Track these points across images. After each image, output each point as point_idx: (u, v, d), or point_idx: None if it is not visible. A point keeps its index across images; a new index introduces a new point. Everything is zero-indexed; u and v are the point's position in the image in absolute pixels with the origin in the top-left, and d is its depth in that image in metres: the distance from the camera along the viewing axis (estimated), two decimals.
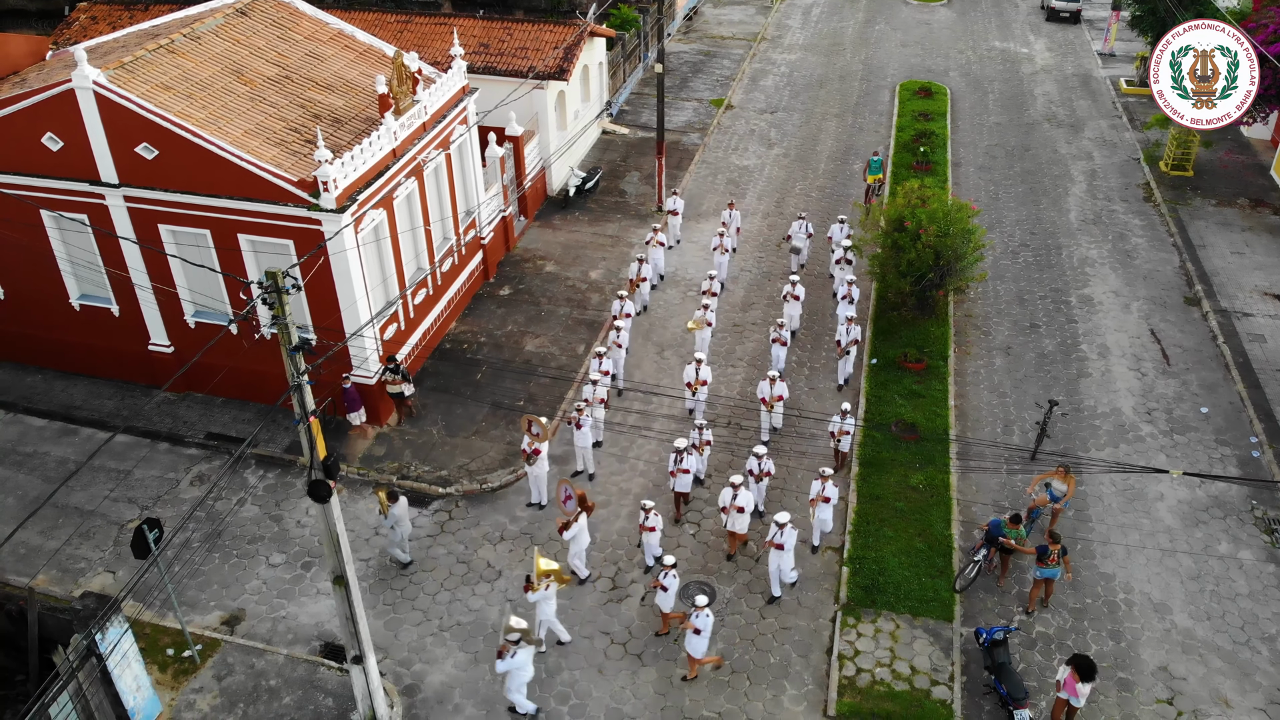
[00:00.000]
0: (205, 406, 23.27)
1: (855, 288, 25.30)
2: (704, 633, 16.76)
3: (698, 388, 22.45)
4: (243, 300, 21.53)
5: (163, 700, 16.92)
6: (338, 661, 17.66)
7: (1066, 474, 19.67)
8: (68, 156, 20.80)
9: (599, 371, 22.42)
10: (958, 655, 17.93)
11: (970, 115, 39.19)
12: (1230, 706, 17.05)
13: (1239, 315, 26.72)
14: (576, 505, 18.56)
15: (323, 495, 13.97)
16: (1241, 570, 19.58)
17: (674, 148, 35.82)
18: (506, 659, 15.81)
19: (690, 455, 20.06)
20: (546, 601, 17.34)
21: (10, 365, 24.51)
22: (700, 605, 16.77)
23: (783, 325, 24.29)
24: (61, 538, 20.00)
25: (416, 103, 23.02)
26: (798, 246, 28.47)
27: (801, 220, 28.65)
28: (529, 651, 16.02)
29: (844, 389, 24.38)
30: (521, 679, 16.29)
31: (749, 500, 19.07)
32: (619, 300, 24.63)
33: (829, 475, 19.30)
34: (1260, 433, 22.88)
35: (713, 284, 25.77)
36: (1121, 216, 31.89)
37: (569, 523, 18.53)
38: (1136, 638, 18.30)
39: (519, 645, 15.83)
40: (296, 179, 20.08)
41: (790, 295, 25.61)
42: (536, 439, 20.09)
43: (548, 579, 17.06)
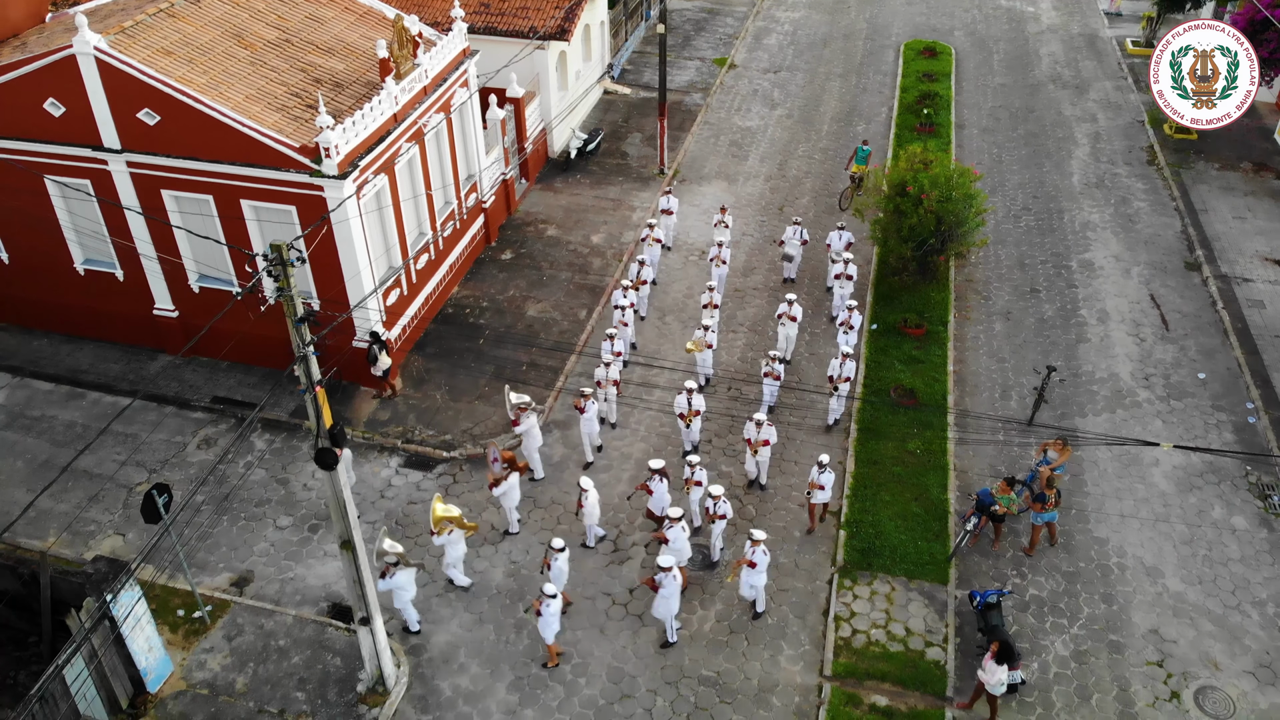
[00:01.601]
0: (210, 370, 23.47)
1: (856, 313, 22.92)
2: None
3: (691, 419, 20.74)
4: (245, 261, 21.65)
5: (174, 660, 17.31)
6: (345, 622, 18.04)
7: (1064, 446, 19.93)
8: (70, 122, 20.79)
9: (611, 354, 21.92)
10: (952, 618, 18.29)
11: (975, 76, 38.92)
12: (1219, 669, 17.42)
13: (1239, 281, 26.78)
14: (504, 466, 19.09)
15: (329, 463, 14.20)
16: (1234, 535, 19.87)
17: (676, 108, 35.64)
18: (387, 580, 16.92)
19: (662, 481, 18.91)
20: (453, 546, 18.10)
21: (16, 329, 24.69)
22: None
23: (776, 357, 21.77)
24: (71, 501, 20.30)
25: (417, 66, 22.93)
26: (790, 254, 26.44)
27: (796, 225, 26.44)
28: (409, 572, 17.11)
29: (832, 430, 22.19)
30: (405, 598, 17.38)
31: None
32: (622, 292, 23.64)
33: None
34: (1257, 398, 23.07)
35: (713, 295, 23.86)
36: (1124, 180, 31.81)
37: (499, 480, 19.01)
38: (1128, 601, 18.64)
39: (397, 567, 16.89)
40: (298, 145, 20.09)
41: (786, 316, 23.35)
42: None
43: (448, 525, 17.70)
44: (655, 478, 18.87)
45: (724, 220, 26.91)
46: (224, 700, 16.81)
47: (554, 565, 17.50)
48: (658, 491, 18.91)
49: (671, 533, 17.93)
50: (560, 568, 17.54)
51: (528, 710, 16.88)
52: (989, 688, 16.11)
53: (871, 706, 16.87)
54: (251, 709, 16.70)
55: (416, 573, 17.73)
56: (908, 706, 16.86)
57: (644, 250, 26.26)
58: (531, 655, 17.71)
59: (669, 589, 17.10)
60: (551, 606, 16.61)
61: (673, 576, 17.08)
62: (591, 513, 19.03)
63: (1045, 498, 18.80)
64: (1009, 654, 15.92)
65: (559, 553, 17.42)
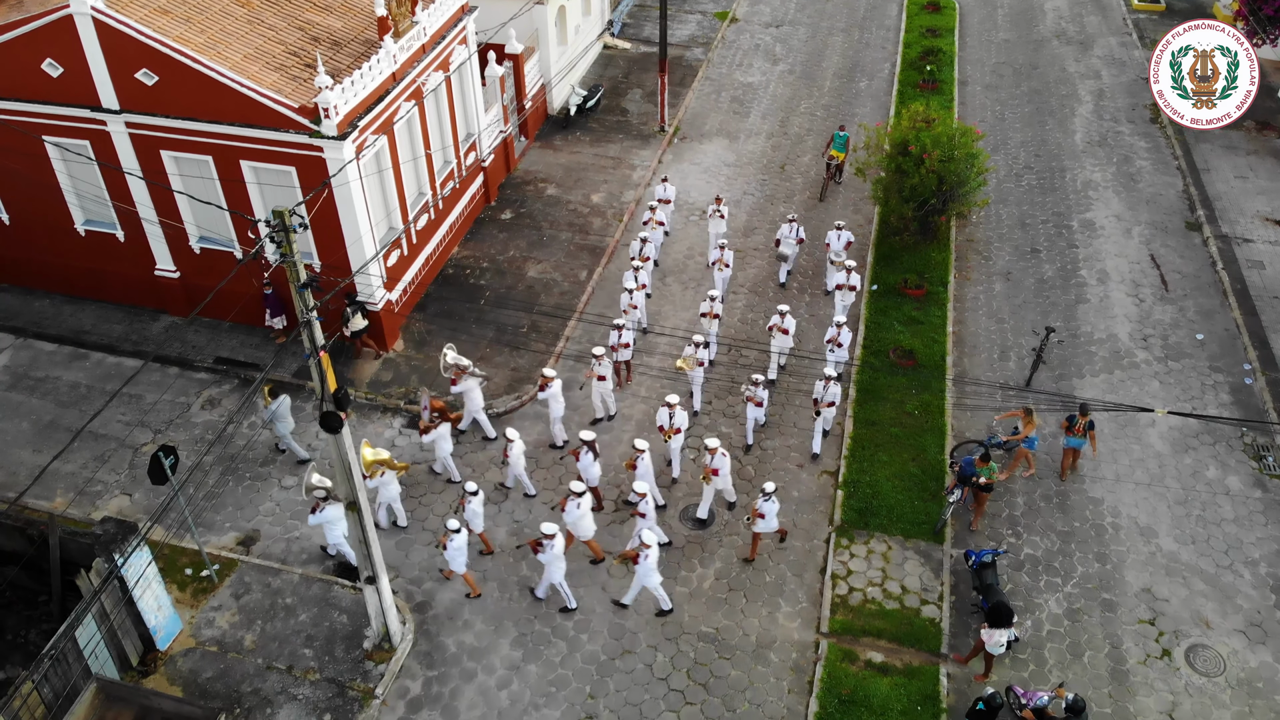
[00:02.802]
0: (213, 331, 23.57)
1: (846, 330, 21.17)
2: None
3: (671, 435, 19.53)
4: (246, 223, 21.65)
5: (183, 618, 17.63)
6: (351, 580, 18.33)
7: (1028, 416, 19.86)
8: (68, 82, 20.66)
9: (619, 344, 21.47)
10: (947, 576, 18.59)
11: (979, 31, 38.52)
12: (1210, 628, 17.74)
13: (1239, 241, 26.78)
14: (435, 415, 19.48)
15: (334, 426, 14.35)
16: (1228, 496, 20.12)
17: (677, 63, 35.33)
18: (317, 514, 17.60)
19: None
20: (386, 486, 18.54)
21: (17, 290, 24.73)
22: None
23: (758, 381, 20.08)
24: (78, 462, 20.50)
25: (415, 24, 22.73)
26: (785, 253, 24.89)
27: (791, 223, 24.76)
28: (338, 506, 17.39)
29: (817, 461, 20.75)
30: (337, 532, 17.94)
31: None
32: (632, 273, 23.09)
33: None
34: (1254, 359, 23.19)
35: (714, 305, 22.20)
36: (1127, 138, 31.65)
37: (429, 428, 19.37)
38: (1122, 560, 18.93)
39: (326, 501, 17.49)
40: (297, 105, 19.99)
41: (778, 329, 21.67)
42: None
43: (379, 468, 18.15)
44: (585, 449, 18.75)
45: (720, 210, 25.27)
46: (233, 657, 17.16)
47: (468, 506, 17.95)
48: (584, 463, 18.79)
49: (571, 505, 17.74)
50: (474, 509, 17.99)
51: (531, 665, 17.23)
52: (988, 647, 16.46)
53: (868, 662, 17.22)
54: (260, 665, 17.05)
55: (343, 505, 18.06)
56: (903, 662, 17.21)
57: (646, 230, 24.90)
58: (535, 612, 18.04)
59: (649, 561, 17.11)
60: (456, 541, 17.23)
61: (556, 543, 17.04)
62: (516, 463, 19.34)
63: (1074, 420, 19.56)
64: (1002, 617, 16.23)
65: (473, 495, 17.91)
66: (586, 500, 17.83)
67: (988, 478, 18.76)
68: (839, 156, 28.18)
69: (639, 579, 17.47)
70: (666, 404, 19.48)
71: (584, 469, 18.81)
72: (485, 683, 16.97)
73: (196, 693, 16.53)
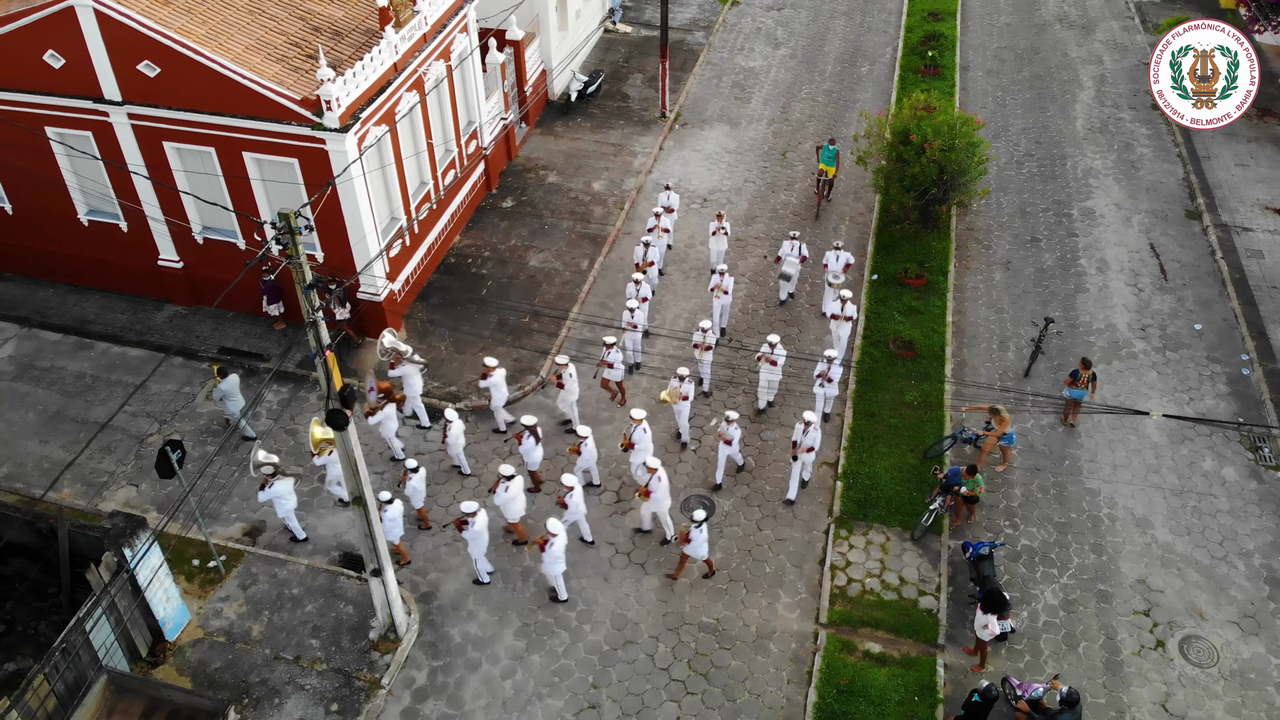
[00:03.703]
0: (216, 320, 23.69)
1: (838, 365, 20.53)
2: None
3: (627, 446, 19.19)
4: (249, 212, 21.72)
5: (191, 609, 17.86)
6: (356, 571, 18.55)
7: (997, 414, 19.83)
8: (70, 74, 20.67)
9: (620, 362, 21.06)
10: (945, 567, 18.82)
11: (980, 15, 38.38)
12: (1204, 619, 17.99)
13: (1239, 230, 26.85)
14: (380, 396, 19.96)
15: (340, 424, 14.52)
16: (1224, 487, 20.32)
17: (678, 47, 35.24)
18: (267, 491, 18.09)
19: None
20: (333, 465, 18.98)
21: (21, 279, 24.82)
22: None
23: (731, 420, 19.18)
24: (84, 452, 20.66)
25: (417, 14, 22.70)
26: (788, 273, 23.75)
27: (793, 240, 23.80)
28: (287, 482, 18.19)
29: (791, 507, 19.93)
30: (286, 507, 18.45)
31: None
32: (633, 284, 22.58)
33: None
34: (1251, 350, 23.33)
35: (706, 337, 21.31)
36: (1128, 125, 31.64)
37: (374, 409, 19.88)
38: (1118, 551, 19.15)
39: (275, 477, 18.06)
40: (299, 97, 20.01)
41: (766, 360, 20.77)
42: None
43: (327, 447, 18.27)
44: (526, 433, 19.22)
45: (723, 227, 24.32)
46: (241, 647, 17.41)
47: (409, 483, 18.69)
48: (526, 447, 19.31)
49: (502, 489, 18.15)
50: (415, 486, 18.78)
51: (534, 655, 17.49)
52: (978, 632, 16.73)
53: (866, 653, 17.48)
54: (268, 655, 17.30)
55: (295, 483, 18.85)
56: (900, 653, 17.47)
57: (650, 236, 24.27)
58: (538, 602, 18.28)
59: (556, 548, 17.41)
60: (390, 511, 17.78)
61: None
62: (455, 443, 19.91)
63: (1078, 374, 20.52)
64: (996, 603, 16.48)
65: (414, 473, 18.64)
66: (517, 483, 18.30)
67: (970, 489, 18.81)
68: (829, 171, 27.00)
69: (544, 567, 17.70)
70: (634, 419, 19.08)
71: (526, 453, 19.36)
72: (490, 672, 17.23)
73: (205, 683, 16.79)
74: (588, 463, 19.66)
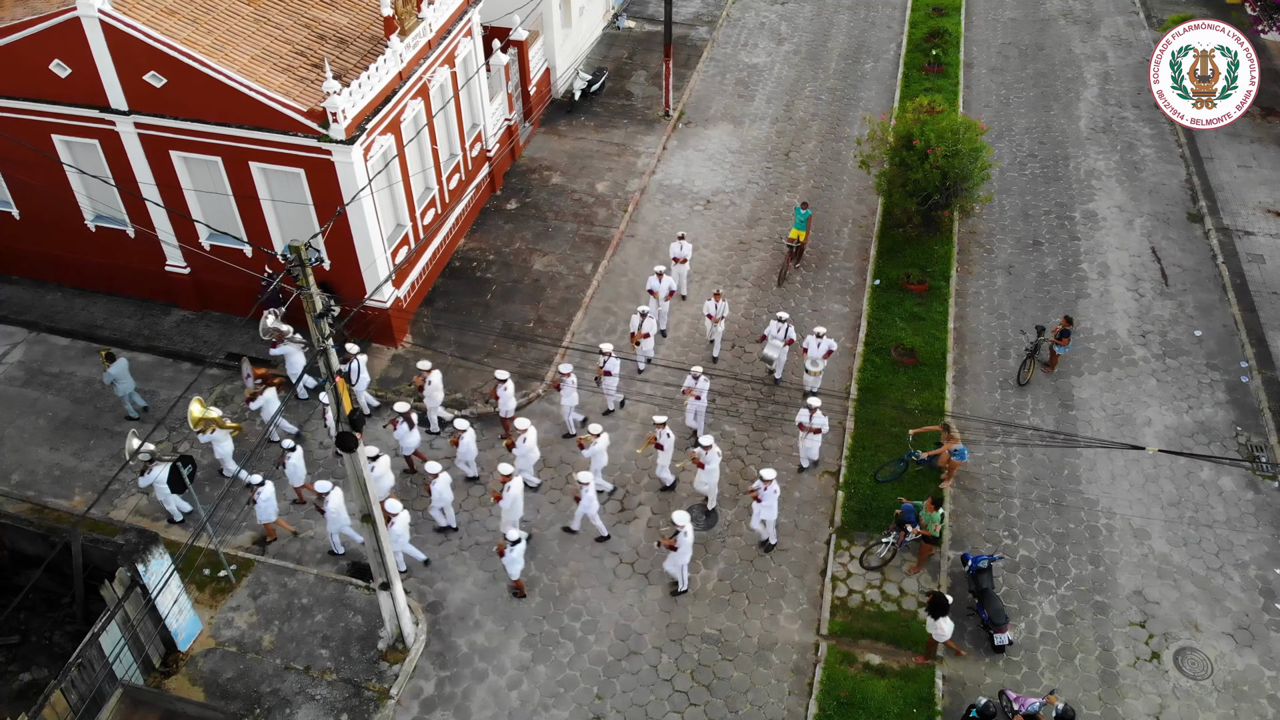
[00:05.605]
0: (224, 326, 23.86)
1: (820, 415, 20.09)
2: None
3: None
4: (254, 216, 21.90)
5: (203, 619, 18.16)
6: (364, 580, 18.83)
7: (946, 431, 20.00)
8: (76, 83, 20.73)
9: (603, 371, 21.09)
10: (944, 579, 19.08)
11: (985, 10, 38.25)
12: (1199, 630, 18.27)
13: (1240, 234, 26.95)
14: (259, 381, 20.69)
15: (350, 446, 14.73)
16: (1221, 497, 20.55)
17: (681, 43, 35.19)
18: (146, 476, 18.78)
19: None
20: (219, 444, 19.93)
21: (29, 283, 24.97)
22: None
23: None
24: (94, 460, 20.94)
25: (421, 20, 22.73)
26: (770, 355, 22.24)
27: (780, 322, 22.05)
28: (165, 467, 18.71)
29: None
30: (167, 491, 19.06)
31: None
32: (639, 317, 21.96)
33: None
34: (1251, 357, 23.50)
35: (696, 384, 20.65)
36: (1132, 124, 31.65)
37: (255, 394, 20.53)
38: (1115, 562, 19.41)
39: (153, 463, 18.77)
40: (305, 109, 20.10)
41: (690, 393, 20.64)
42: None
43: (210, 425, 19.21)
44: (400, 419, 20.05)
45: (717, 309, 22.85)
46: (252, 657, 17.71)
47: (288, 462, 19.27)
48: (464, 442, 19.96)
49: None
50: (294, 464, 19.45)
51: (540, 666, 17.80)
52: (932, 633, 17.14)
53: (865, 665, 17.77)
54: (278, 665, 17.61)
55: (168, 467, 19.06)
56: (899, 665, 17.76)
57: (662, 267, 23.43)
58: (543, 613, 18.57)
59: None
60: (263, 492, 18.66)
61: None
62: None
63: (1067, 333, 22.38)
64: (937, 606, 16.80)
65: (291, 452, 19.29)
66: (517, 483, 18.77)
67: (926, 527, 18.48)
68: (800, 236, 25.47)
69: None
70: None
71: (400, 438, 20.20)
72: (496, 683, 17.54)
73: (217, 693, 17.10)
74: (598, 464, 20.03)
